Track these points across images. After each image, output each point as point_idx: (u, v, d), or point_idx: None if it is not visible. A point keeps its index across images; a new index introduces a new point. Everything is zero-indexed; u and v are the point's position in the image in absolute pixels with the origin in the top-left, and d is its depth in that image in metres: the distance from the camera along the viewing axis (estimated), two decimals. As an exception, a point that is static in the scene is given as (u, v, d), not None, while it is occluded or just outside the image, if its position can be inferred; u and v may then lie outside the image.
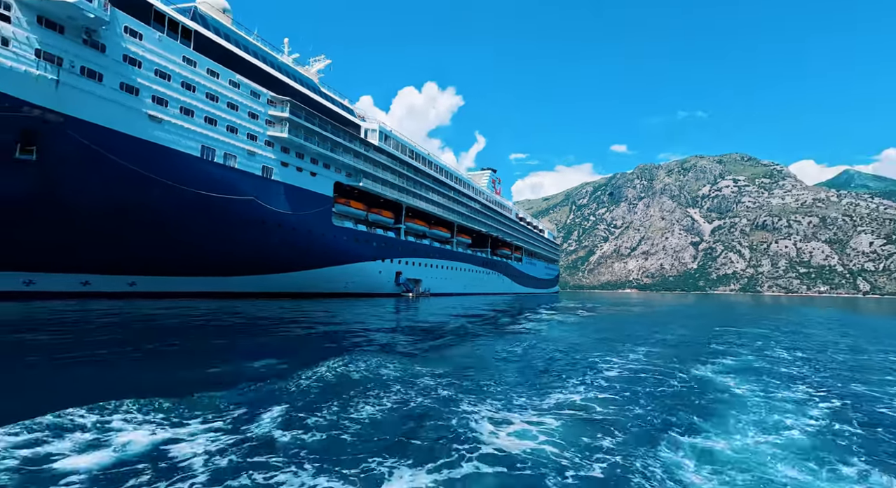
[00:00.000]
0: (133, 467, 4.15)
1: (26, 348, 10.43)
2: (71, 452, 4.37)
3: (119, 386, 6.95)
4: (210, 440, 4.82)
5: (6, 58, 21.81)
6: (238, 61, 34.45)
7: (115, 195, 26.77)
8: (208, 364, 9.28)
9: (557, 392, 7.44)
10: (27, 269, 26.37)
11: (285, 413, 5.74)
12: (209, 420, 5.42)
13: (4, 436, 4.59)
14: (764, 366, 10.29)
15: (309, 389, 7.00)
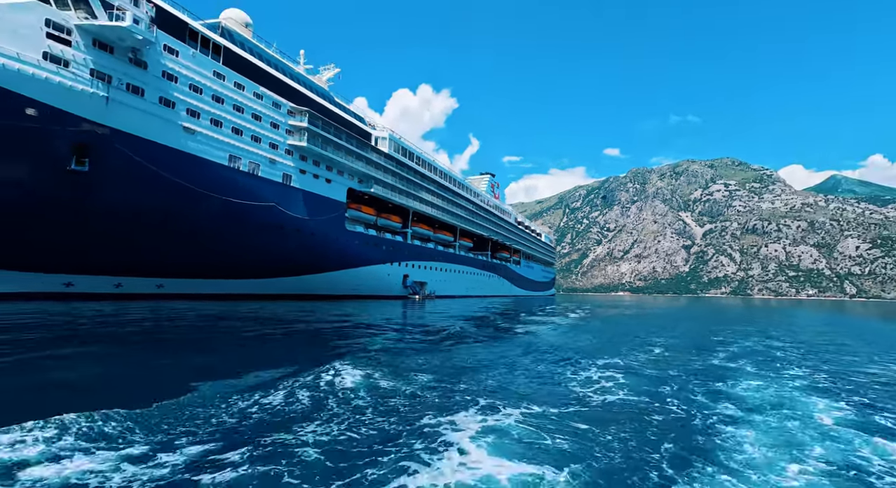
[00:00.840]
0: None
1: (228, 339, 12.63)
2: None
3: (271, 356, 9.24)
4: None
5: (67, 78, 23.83)
6: (261, 74, 36.60)
7: (153, 203, 28.75)
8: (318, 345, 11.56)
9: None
10: (67, 272, 28.26)
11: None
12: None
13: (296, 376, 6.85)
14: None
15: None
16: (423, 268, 59.56)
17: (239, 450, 4.63)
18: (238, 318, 20.09)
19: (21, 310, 19.55)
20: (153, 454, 4.46)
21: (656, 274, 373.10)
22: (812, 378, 9.54)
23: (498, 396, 7.23)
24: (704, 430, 5.84)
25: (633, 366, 10.29)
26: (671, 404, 7.02)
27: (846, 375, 10.11)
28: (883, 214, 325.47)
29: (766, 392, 8.09)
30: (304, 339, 13.84)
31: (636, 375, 9.22)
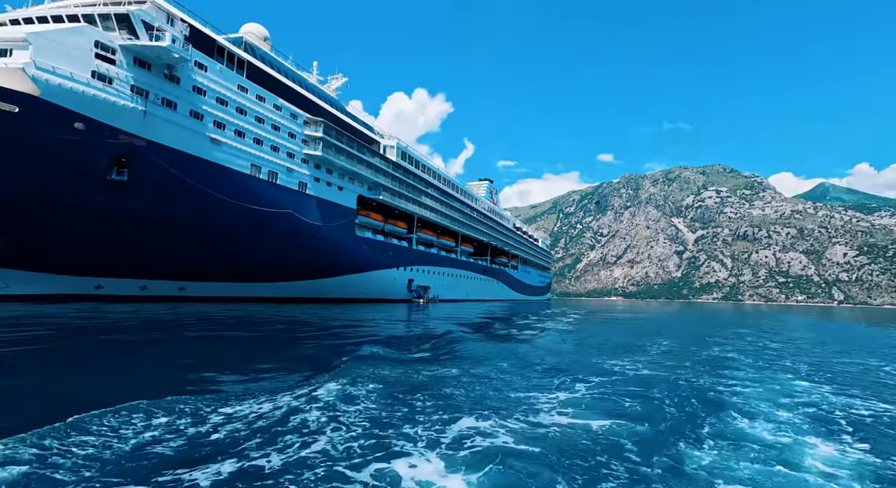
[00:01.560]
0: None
1: (256, 340, 14.58)
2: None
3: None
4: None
5: (111, 94, 25.70)
6: (280, 86, 38.60)
7: (181, 210, 30.56)
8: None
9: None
10: (98, 275, 29.94)
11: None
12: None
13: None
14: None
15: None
16: (427, 272, 61.62)
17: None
18: (284, 321, 22.03)
19: (94, 312, 21.32)
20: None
21: (649, 279, 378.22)
22: (796, 366, 11.86)
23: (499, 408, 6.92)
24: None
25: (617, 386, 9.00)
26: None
27: (822, 364, 12.45)
28: (869, 222, 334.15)
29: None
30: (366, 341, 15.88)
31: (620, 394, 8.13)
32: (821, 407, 7.56)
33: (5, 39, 23.07)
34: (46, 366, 8.95)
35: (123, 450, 4.60)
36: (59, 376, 8.09)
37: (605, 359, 12.25)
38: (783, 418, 6.79)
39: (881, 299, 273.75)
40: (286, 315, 25.17)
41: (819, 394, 8.61)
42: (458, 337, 15.86)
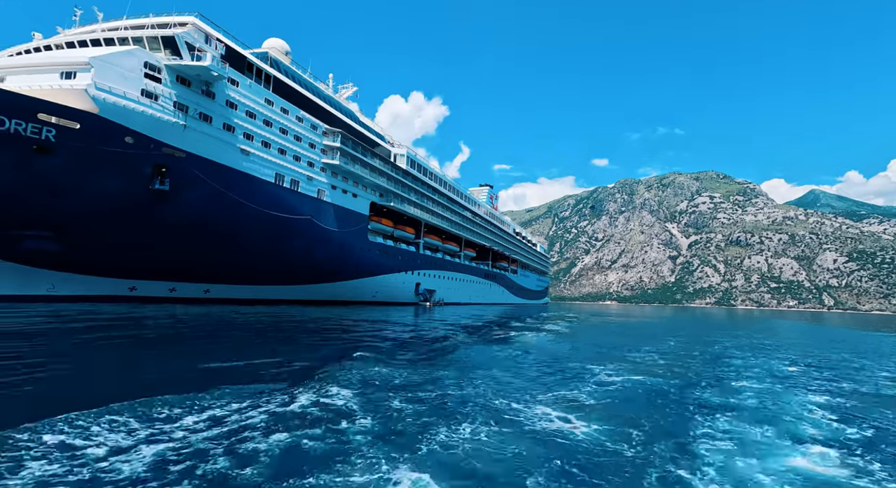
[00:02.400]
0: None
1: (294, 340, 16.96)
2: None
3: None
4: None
5: (157, 110, 27.98)
6: (301, 98, 41.00)
7: (213, 217, 32.78)
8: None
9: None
10: (132, 277, 32.07)
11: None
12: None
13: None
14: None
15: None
16: (433, 276, 64.05)
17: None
18: (313, 323, 24.38)
19: (153, 313, 23.51)
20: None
21: (643, 283, 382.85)
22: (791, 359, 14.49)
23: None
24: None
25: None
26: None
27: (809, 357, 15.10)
28: (858, 229, 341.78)
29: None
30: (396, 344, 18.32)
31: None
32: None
33: (71, 63, 25.32)
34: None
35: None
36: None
37: (602, 363, 13.02)
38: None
39: (869, 305, 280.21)
40: (316, 317, 27.49)
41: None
42: (476, 338, 18.34)
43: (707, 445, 6.09)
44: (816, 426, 7.22)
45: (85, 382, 8.20)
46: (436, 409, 7.12)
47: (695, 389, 8.92)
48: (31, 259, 27.53)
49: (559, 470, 5.01)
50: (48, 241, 27.14)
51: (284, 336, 16.59)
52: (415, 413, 6.83)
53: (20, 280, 27.74)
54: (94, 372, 9.21)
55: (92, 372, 9.17)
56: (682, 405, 7.94)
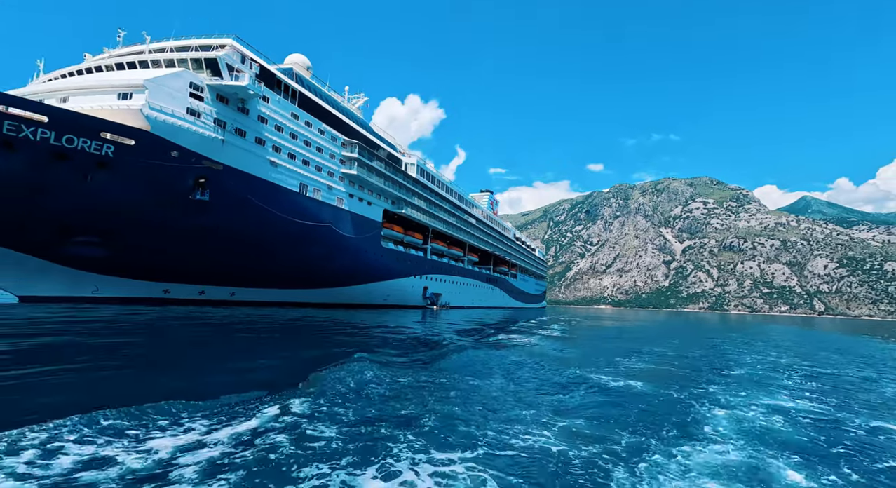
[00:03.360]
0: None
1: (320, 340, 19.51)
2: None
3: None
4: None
5: (199, 127, 30.48)
6: (322, 112, 43.59)
7: (244, 224, 35.23)
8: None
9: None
10: (166, 281, 34.41)
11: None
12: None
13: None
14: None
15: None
16: (439, 280, 66.70)
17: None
18: (343, 324, 26.91)
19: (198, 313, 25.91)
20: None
21: (637, 288, 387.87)
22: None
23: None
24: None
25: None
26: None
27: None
28: (848, 236, 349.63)
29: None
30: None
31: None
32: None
33: (127, 85, 27.80)
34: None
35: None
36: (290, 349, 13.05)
37: (600, 367, 13.05)
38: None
39: (859, 310, 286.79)
40: (346, 320, 30.01)
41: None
42: (493, 341, 21.02)
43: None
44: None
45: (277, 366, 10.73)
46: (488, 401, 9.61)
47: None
48: (79, 263, 29.84)
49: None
50: (96, 247, 29.47)
51: (346, 336, 19.12)
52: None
53: (69, 282, 30.06)
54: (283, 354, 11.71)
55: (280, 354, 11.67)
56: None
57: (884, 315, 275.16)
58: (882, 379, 13.25)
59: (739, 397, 9.36)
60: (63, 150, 24.95)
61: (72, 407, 5.87)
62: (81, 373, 8.67)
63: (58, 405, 6.21)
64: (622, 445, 5.92)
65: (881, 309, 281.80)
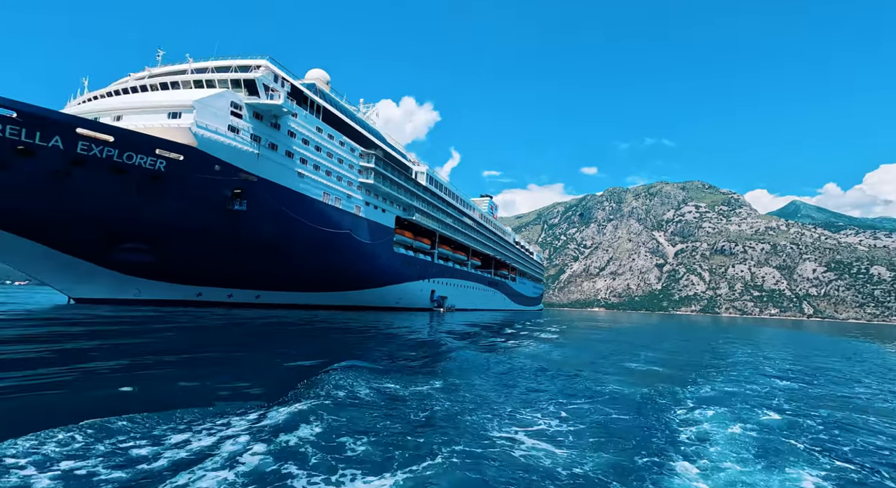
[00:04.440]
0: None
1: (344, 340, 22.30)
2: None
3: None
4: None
5: (238, 142, 33.12)
6: (342, 124, 46.31)
7: (274, 232, 37.82)
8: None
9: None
10: (198, 284, 36.88)
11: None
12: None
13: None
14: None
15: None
16: (445, 284, 69.55)
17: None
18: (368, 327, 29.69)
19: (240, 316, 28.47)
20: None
21: (630, 291, 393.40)
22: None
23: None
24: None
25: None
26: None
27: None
28: (836, 240, 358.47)
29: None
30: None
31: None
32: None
33: (176, 105, 30.40)
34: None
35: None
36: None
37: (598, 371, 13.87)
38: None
39: (846, 314, 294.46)
40: (370, 323, 32.73)
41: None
42: (508, 342, 23.93)
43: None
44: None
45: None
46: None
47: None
48: (126, 267, 32.30)
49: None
50: (143, 253, 31.95)
51: (383, 336, 21.88)
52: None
53: (115, 285, 32.51)
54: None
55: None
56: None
57: (870, 318, 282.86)
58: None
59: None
60: (123, 166, 27.47)
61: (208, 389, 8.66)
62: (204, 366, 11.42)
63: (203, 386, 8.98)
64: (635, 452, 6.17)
65: (867, 312, 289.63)
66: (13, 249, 27.69)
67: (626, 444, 6.46)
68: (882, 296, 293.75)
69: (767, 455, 6.27)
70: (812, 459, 6.18)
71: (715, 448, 6.52)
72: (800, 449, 6.54)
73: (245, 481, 4.56)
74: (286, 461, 5.10)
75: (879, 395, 11.67)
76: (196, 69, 34.96)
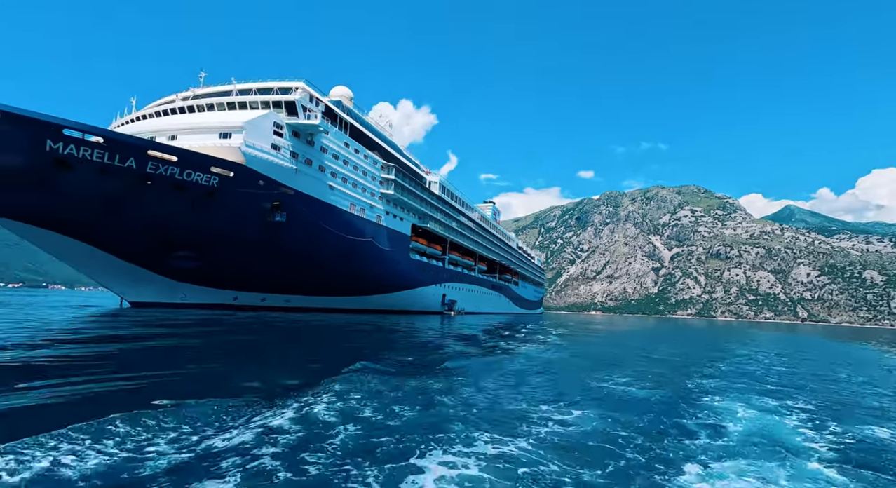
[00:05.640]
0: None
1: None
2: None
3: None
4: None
5: (279, 159, 36.18)
6: (365, 138, 49.46)
7: (306, 241, 40.81)
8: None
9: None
10: (235, 289, 39.82)
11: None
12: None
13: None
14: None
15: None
16: (454, 288, 72.69)
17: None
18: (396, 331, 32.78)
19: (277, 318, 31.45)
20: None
21: (627, 294, 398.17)
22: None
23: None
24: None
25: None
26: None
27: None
28: (829, 244, 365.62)
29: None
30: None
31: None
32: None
33: (227, 126, 33.49)
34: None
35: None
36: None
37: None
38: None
39: (839, 318, 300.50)
40: (393, 323, 35.78)
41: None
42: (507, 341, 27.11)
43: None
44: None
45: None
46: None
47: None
48: (176, 274, 35.24)
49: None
50: (191, 260, 34.90)
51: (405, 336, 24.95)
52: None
53: (166, 290, 35.48)
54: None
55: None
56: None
57: (862, 322, 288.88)
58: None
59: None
60: (183, 183, 30.48)
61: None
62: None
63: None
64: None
65: (860, 316, 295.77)
66: (86, 257, 30.60)
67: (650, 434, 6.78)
68: (874, 299, 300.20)
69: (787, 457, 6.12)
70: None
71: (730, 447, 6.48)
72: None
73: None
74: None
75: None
76: (240, 90, 37.99)
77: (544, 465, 5.27)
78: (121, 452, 4.83)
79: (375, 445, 5.56)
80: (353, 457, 5.11)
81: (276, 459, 4.91)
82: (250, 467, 4.67)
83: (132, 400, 6.89)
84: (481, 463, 5.19)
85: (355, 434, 5.92)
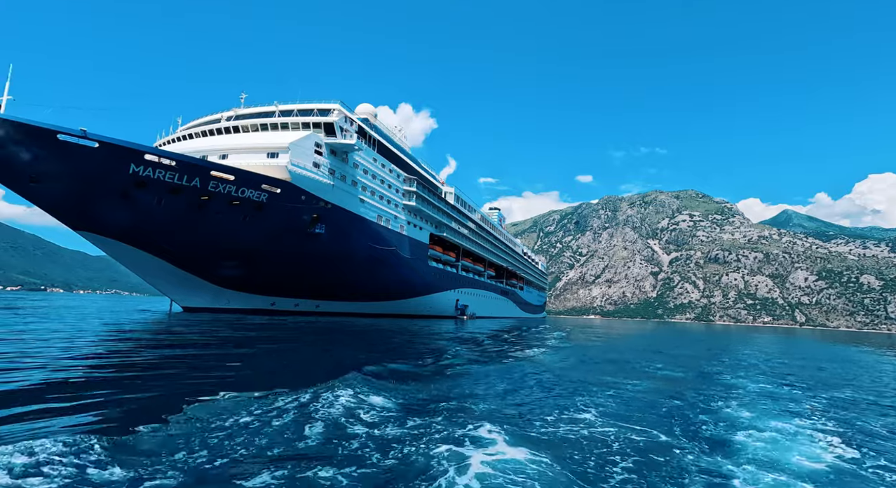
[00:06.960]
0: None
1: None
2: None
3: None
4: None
5: (319, 176, 39.37)
6: (389, 153, 52.73)
7: (339, 251, 43.90)
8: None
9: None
10: (272, 294, 42.87)
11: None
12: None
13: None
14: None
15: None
16: (467, 294, 75.89)
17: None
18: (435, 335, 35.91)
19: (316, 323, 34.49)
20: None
21: (626, 298, 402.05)
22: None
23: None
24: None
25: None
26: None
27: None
28: (827, 249, 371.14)
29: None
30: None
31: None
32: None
33: (274, 146, 36.71)
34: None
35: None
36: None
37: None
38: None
39: (837, 322, 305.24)
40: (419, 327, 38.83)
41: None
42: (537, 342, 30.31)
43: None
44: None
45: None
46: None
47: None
48: (223, 281, 38.30)
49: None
50: (237, 269, 37.98)
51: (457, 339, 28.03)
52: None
53: (213, 296, 38.55)
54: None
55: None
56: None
57: (860, 326, 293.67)
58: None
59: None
60: (238, 199, 33.61)
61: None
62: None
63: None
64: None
65: (857, 320, 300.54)
66: (151, 267, 33.71)
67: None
68: (871, 304, 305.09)
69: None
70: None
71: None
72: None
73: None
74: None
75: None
76: (282, 111, 41.18)
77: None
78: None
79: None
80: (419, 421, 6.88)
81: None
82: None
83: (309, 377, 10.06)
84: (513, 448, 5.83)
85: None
